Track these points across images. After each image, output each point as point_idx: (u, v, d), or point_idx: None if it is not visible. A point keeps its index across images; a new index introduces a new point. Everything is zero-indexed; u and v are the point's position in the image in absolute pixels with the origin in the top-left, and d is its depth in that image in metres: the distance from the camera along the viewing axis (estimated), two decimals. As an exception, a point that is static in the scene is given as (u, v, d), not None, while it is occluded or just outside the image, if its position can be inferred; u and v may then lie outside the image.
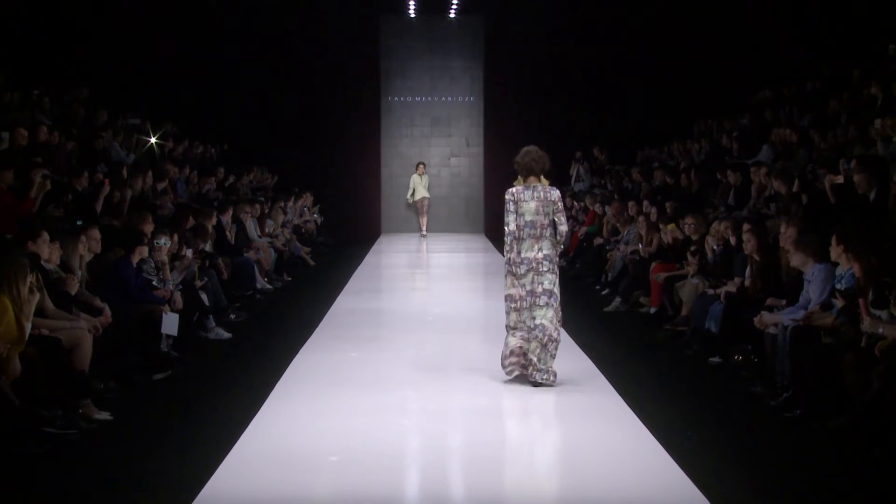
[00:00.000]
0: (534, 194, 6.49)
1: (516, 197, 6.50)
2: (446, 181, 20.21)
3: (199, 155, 15.26)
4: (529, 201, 6.47)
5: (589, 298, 10.96)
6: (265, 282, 11.43)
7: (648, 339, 8.51)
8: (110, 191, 9.18)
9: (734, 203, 10.49)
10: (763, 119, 14.01)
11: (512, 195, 6.51)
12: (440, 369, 7.11)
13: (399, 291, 12.01)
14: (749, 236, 7.45)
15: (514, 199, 6.49)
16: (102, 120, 12.97)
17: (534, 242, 6.46)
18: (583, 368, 7.08)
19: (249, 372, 7.01)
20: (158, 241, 7.91)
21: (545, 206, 6.48)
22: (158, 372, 6.83)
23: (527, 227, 6.45)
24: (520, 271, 6.45)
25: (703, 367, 7.26)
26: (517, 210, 6.47)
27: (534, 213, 6.46)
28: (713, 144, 14.08)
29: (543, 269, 6.46)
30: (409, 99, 20.39)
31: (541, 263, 6.45)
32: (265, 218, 13.04)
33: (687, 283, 8.55)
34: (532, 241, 6.45)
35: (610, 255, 11.43)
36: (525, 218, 6.46)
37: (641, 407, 5.91)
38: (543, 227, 6.47)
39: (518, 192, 6.52)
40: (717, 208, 10.61)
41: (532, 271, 6.44)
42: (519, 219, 6.46)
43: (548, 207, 6.48)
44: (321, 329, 8.74)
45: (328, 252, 16.26)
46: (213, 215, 10.27)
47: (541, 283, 6.44)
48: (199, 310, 8.24)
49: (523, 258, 6.45)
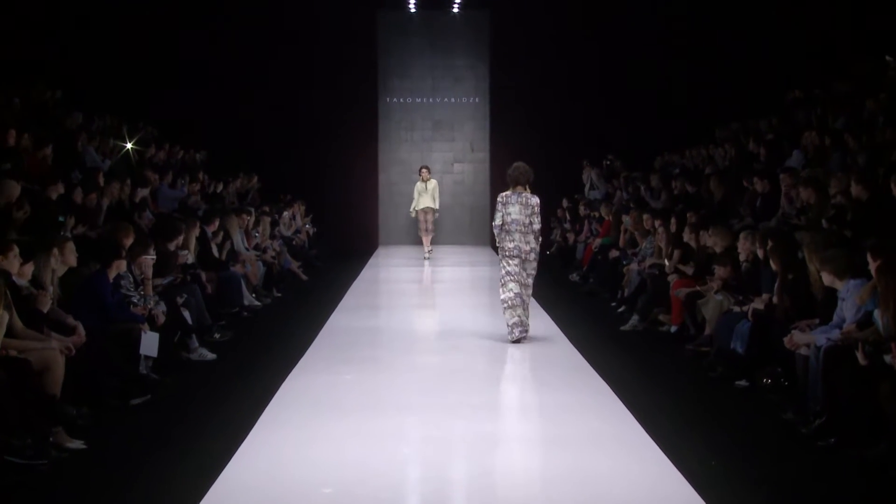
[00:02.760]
0: (518, 199, 9.02)
1: (504, 200, 9.06)
2: (449, 189, 20.23)
3: (178, 161, 15.30)
4: (514, 204, 9.00)
5: (604, 316, 10.95)
6: (253, 298, 11.43)
7: (669, 360, 8.49)
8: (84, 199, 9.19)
9: (761, 213, 10.49)
10: (793, 121, 14.01)
11: (502, 198, 9.10)
12: (443, 393, 7.09)
13: (398, 308, 12.00)
14: (775, 250, 7.44)
15: (503, 201, 9.06)
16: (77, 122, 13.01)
17: (522, 237, 8.96)
18: (598, 392, 7.06)
19: (235, 396, 6.99)
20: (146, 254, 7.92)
21: (526, 208, 8.99)
22: (136, 396, 6.81)
23: (513, 223, 8.97)
24: (512, 254, 8.96)
25: (728, 391, 7.24)
26: (504, 210, 8.98)
27: (517, 214, 8.97)
28: (738, 149, 14.09)
29: (531, 258, 9.04)
30: (409, 100, 20.46)
31: (528, 254, 9.01)
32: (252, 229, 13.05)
33: (710, 300, 8.54)
34: (521, 235, 8.96)
35: (626, 270, 11.42)
36: (511, 216, 8.97)
37: (661, 434, 5.89)
38: (526, 225, 8.97)
39: (507, 195, 9.08)
40: (743, 218, 10.61)
41: (520, 258, 8.95)
42: (506, 216, 8.96)
43: (528, 209, 8.98)
44: (313, 349, 8.73)
45: (321, 266, 16.25)
46: (197, 225, 10.28)
47: (528, 270, 9.01)
48: (181, 328, 8.24)
49: (514, 247, 8.95)
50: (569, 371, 7.94)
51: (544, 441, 6.06)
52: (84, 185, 9.63)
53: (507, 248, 8.96)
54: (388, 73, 20.35)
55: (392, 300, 13.06)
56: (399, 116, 20.55)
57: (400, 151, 20.58)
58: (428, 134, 20.60)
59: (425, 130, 20.57)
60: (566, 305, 11.65)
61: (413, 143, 20.59)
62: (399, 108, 20.51)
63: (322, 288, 13.50)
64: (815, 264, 6.80)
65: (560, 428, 6.19)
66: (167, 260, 8.95)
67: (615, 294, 11.77)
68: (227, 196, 15.12)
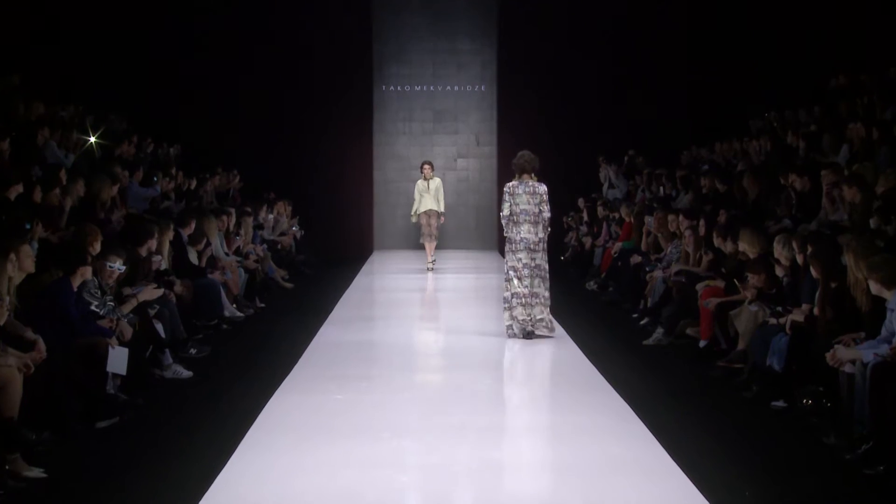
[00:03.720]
0: (525, 188, 9.86)
1: (512, 190, 9.90)
2: (452, 187, 20.26)
3: (148, 155, 15.31)
4: (522, 194, 9.84)
5: (625, 329, 10.95)
6: (234, 308, 11.47)
7: (697, 378, 8.49)
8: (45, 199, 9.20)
9: (801, 214, 10.49)
10: (836, 112, 14.01)
11: (509, 188, 9.95)
12: (445, 414, 7.09)
13: (395, 320, 12.00)
14: (816, 255, 7.44)
15: (510, 191, 9.90)
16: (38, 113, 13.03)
17: (531, 227, 9.81)
18: (617, 413, 7.07)
19: (214, 419, 7.00)
20: (111, 264, 7.92)
21: (534, 197, 9.82)
22: (103, 419, 6.82)
23: (522, 213, 9.81)
24: (518, 247, 9.80)
25: (764, 413, 7.23)
26: (512, 200, 9.82)
27: (526, 204, 9.82)
28: (775, 142, 14.09)
29: (539, 248, 9.82)
30: (408, 88, 20.50)
31: (537, 245, 9.82)
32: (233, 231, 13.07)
33: (744, 311, 8.54)
34: (529, 226, 9.81)
35: (650, 277, 11.42)
36: (520, 206, 9.81)
37: (689, 461, 5.88)
38: (535, 215, 9.79)
39: (514, 185, 9.93)
40: (780, 220, 10.61)
41: (528, 249, 9.78)
42: (514, 207, 9.80)
43: (536, 198, 9.82)
44: (301, 366, 8.74)
45: (310, 273, 16.24)
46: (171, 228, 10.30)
47: (536, 259, 9.79)
48: (153, 343, 8.25)
49: (522, 238, 9.79)
50: (585, 390, 7.94)
51: (558, 468, 6.06)
52: (45, 184, 9.63)
53: (515, 240, 9.81)
54: (384, 58, 20.40)
55: (388, 311, 13.05)
56: (396, 106, 20.59)
57: (397, 145, 20.61)
58: (428, 126, 20.63)
59: (425, 122, 20.61)
60: (582, 317, 11.65)
61: (412, 136, 20.63)
62: (396, 98, 20.54)
63: (310, 297, 13.50)
64: (860, 271, 6.80)
65: (576, 454, 6.18)
66: (138, 266, 8.96)
67: (637, 304, 11.79)
68: (205, 195, 15.14)
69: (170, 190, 13.71)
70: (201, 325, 10.26)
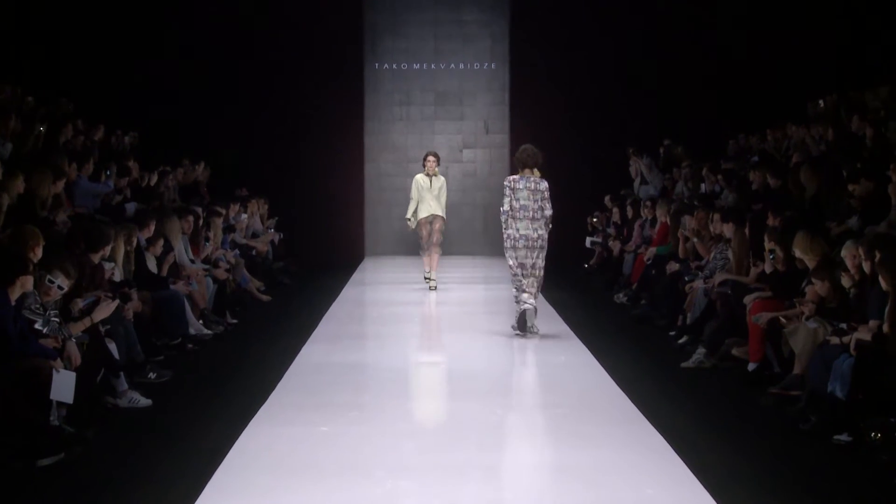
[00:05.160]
0: (526, 184, 11.14)
1: (513, 185, 11.18)
2: (457, 183, 20.28)
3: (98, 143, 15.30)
4: (523, 189, 11.11)
5: (660, 349, 10.97)
6: (200, 325, 11.49)
7: (745, 408, 8.48)
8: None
9: (868, 214, 10.47)
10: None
11: (509, 182, 11.23)
12: (447, 451, 7.09)
13: (390, 339, 12.00)
14: (886, 263, 7.42)
15: (511, 186, 11.18)
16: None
17: (530, 223, 11.08)
18: (652, 449, 7.05)
19: (177, 455, 6.98)
20: (53, 279, 7.92)
21: (535, 193, 11.10)
22: (46, 455, 6.80)
23: (521, 209, 11.09)
24: (518, 245, 11.13)
25: (824, 449, 7.22)
26: (513, 195, 11.08)
27: (526, 200, 11.10)
28: (838, 130, 14.08)
29: (539, 245, 11.15)
30: (405, 66, 20.54)
31: (536, 242, 11.13)
32: (201, 234, 13.07)
33: (801, 329, 8.53)
34: (528, 222, 11.09)
35: (689, 288, 11.42)
36: (520, 202, 11.09)
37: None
38: (535, 211, 11.08)
39: (515, 180, 11.23)
40: (844, 221, 10.60)
41: (528, 248, 11.10)
42: (514, 202, 11.06)
43: (537, 195, 11.11)
44: (279, 393, 8.74)
45: (290, 283, 16.24)
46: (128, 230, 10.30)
47: (534, 257, 11.12)
48: (105, 366, 8.23)
49: (521, 235, 11.10)
50: (614, 422, 7.93)
51: (582, 515, 6.04)
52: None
53: (512, 237, 11.10)
54: (377, 30, 20.43)
55: (382, 328, 13.05)
56: (391, 88, 20.62)
57: (392, 133, 20.64)
58: (429, 111, 20.66)
59: (426, 106, 20.63)
60: (610, 335, 11.66)
61: (410, 122, 20.65)
62: (392, 77, 20.58)
63: (291, 312, 13.51)
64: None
65: (603, 496, 6.16)
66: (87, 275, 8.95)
67: (674, 320, 11.80)
68: (167, 191, 15.14)
69: (124, 185, 13.70)
70: (162, 345, 10.26)
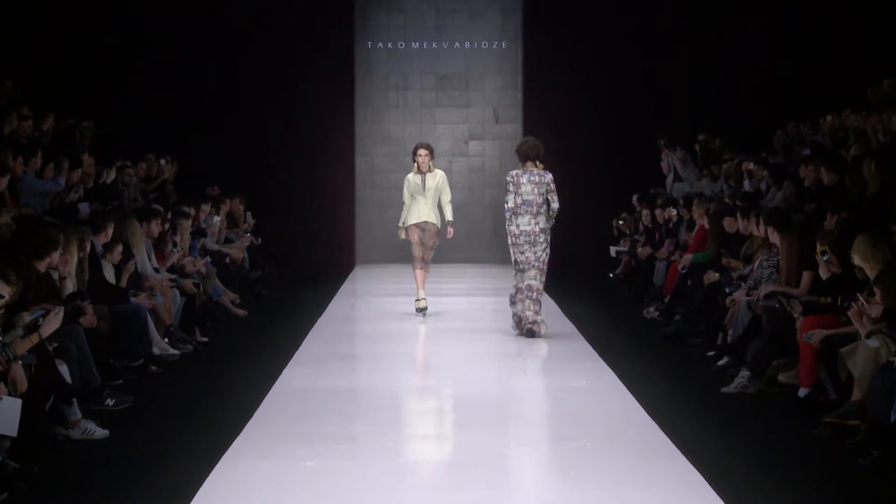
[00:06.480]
0: (529, 177, 12.53)
1: (516, 179, 12.56)
2: (462, 180, 20.32)
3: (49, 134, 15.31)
4: (526, 183, 12.49)
5: (697, 371, 10.98)
6: (165, 344, 11.51)
7: (797, 439, 8.47)
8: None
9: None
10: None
11: (512, 177, 12.62)
12: (450, 488, 7.11)
13: (384, 360, 12.01)
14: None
15: (514, 181, 12.56)
16: None
17: (531, 218, 12.44)
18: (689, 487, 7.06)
19: (138, 494, 6.97)
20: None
21: (539, 187, 12.48)
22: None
23: (524, 204, 12.47)
24: (519, 241, 12.50)
25: (888, 484, 7.21)
26: (516, 190, 12.45)
27: (529, 193, 12.46)
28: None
29: (540, 240, 12.47)
30: (402, 46, 20.58)
31: (538, 236, 12.46)
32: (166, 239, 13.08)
33: (860, 348, 8.51)
34: (529, 217, 12.46)
35: (731, 301, 11.41)
36: (523, 197, 12.44)
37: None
38: (538, 205, 12.43)
39: (517, 174, 12.59)
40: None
41: (529, 243, 12.45)
42: (517, 198, 12.42)
43: (541, 188, 12.48)
44: (257, 422, 8.74)
45: (269, 296, 16.24)
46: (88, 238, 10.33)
47: (537, 252, 12.48)
48: (55, 391, 8.22)
49: (521, 231, 12.46)
50: (645, 456, 7.92)
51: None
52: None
53: (514, 233, 12.48)
54: (369, 5, 20.43)
55: (375, 348, 13.08)
56: (386, 70, 20.66)
57: (388, 123, 20.67)
58: (430, 97, 20.69)
59: (426, 91, 20.66)
60: (640, 355, 11.69)
61: (407, 110, 20.68)
62: (387, 59, 20.62)
63: (270, 329, 13.54)
64: None
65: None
66: (33, 284, 8.95)
67: (714, 338, 11.79)
68: (126, 189, 15.15)
69: (77, 182, 13.71)
70: (121, 367, 10.27)
